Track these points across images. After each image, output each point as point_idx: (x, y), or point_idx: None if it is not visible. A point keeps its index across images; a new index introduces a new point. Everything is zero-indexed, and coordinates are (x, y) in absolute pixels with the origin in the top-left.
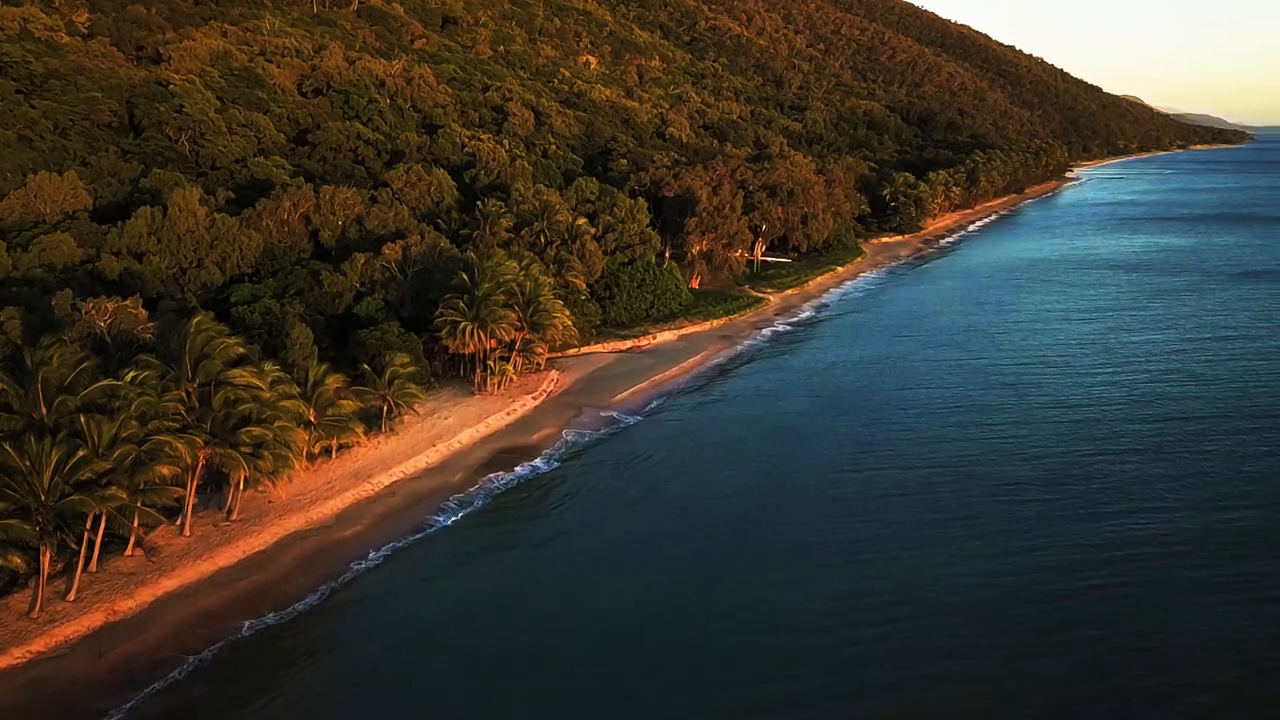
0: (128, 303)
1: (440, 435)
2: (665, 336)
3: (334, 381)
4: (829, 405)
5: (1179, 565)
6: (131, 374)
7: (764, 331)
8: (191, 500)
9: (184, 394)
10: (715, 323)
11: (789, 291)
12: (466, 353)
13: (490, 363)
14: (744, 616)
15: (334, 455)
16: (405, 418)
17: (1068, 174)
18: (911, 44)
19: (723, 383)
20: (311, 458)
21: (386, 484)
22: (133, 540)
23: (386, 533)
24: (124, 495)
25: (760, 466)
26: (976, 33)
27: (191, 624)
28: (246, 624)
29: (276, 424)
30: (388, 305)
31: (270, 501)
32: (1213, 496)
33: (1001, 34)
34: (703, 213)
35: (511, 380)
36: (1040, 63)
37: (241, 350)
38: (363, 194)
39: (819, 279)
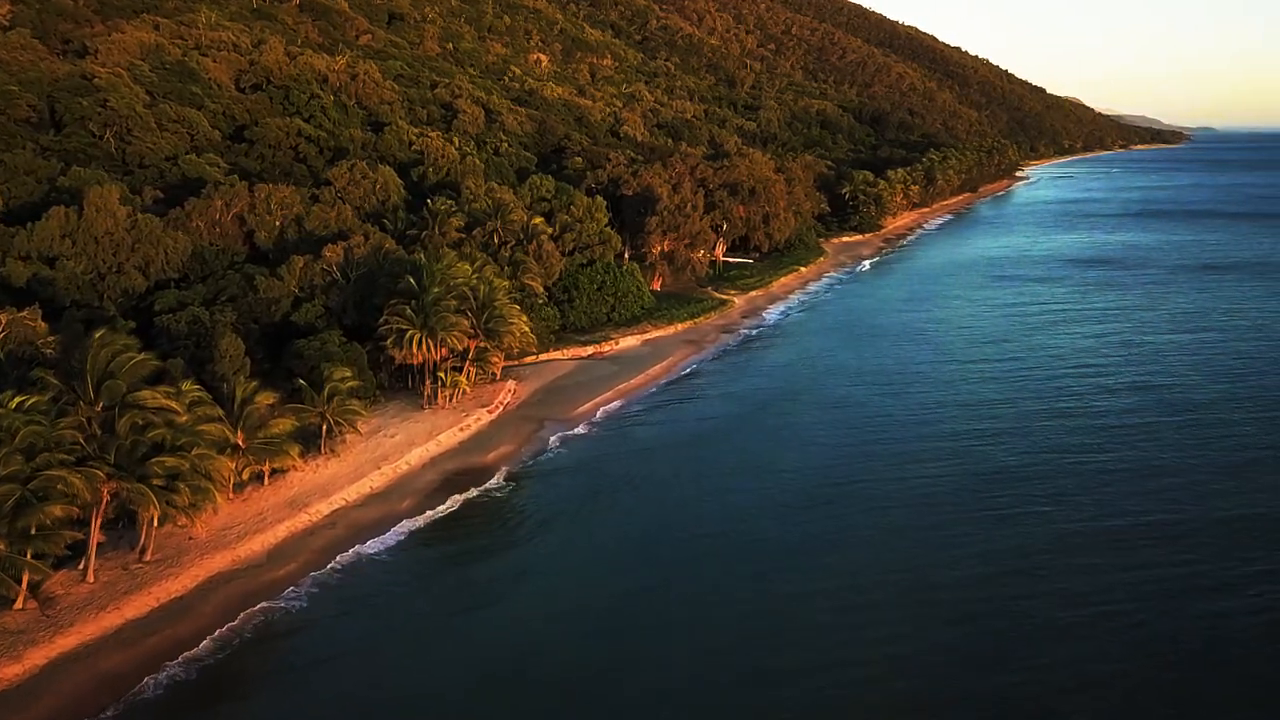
0: (24, 313)
1: (386, 456)
2: (628, 342)
3: (265, 399)
4: (805, 413)
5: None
6: (18, 399)
7: (731, 335)
8: (96, 539)
9: (84, 419)
10: (680, 326)
11: (753, 293)
12: (415, 363)
13: (441, 374)
14: (724, 670)
15: (266, 482)
16: (347, 437)
17: (1019, 173)
18: (861, 44)
19: (692, 391)
20: (240, 486)
21: (326, 513)
22: (23, 592)
23: (325, 571)
24: (1, 545)
25: (738, 486)
26: (924, 34)
27: (90, 690)
28: (155, 688)
29: (195, 451)
30: (329, 312)
31: (191, 538)
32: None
33: (947, 36)
34: (664, 211)
35: (465, 392)
36: (986, 64)
37: (156, 365)
38: (303, 193)
39: (783, 279)
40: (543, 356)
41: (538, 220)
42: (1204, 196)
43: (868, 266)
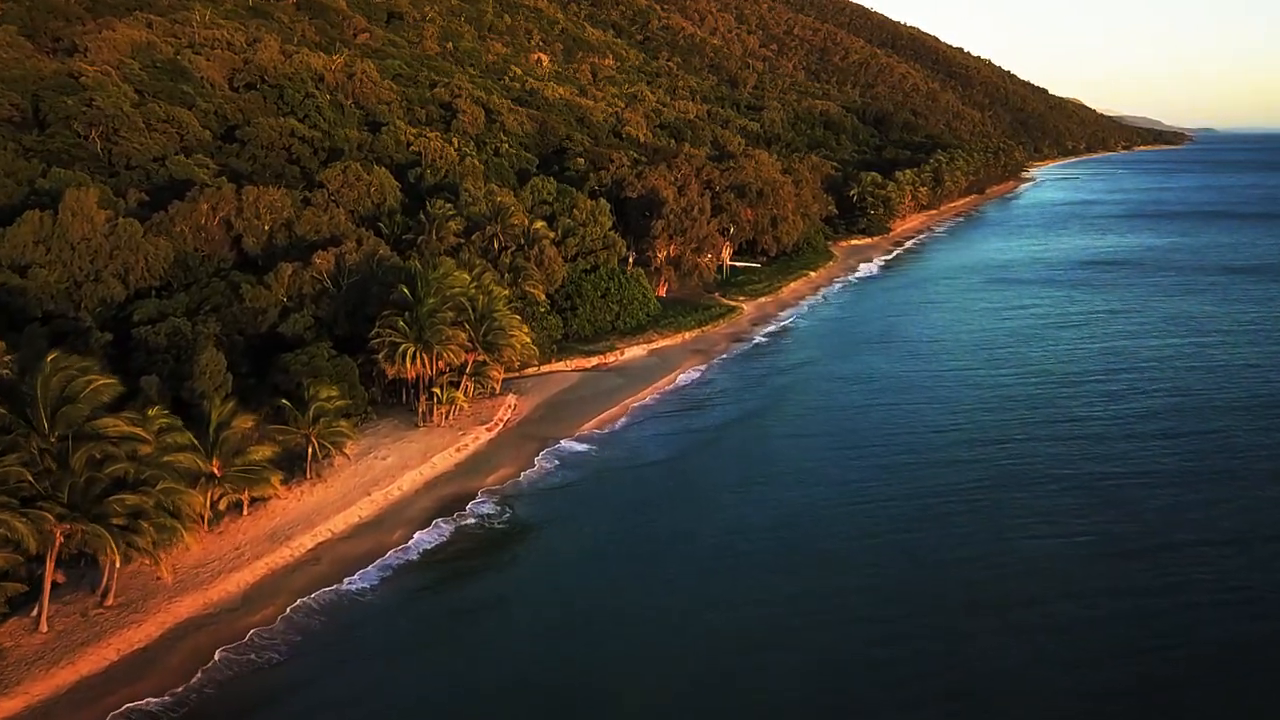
0: None
1: (377, 480)
2: (634, 351)
3: (243, 422)
4: (822, 429)
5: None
6: None
7: (741, 344)
8: (51, 581)
9: (34, 453)
10: (687, 335)
11: (763, 299)
12: (409, 378)
13: (437, 390)
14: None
15: (245, 512)
16: (335, 460)
17: (1024, 174)
18: (863, 45)
19: (701, 406)
20: (217, 517)
21: (310, 547)
22: None
23: (307, 615)
24: None
25: (753, 513)
26: (926, 35)
27: None
28: None
29: (161, 486)
30: (318, 323)
31: (159, 578)
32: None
33: (949, 37)
34: (669, 215)
35: (462, 409)
36: (988, 64)
37: (120, 390)
38: (294, 195)
39: (792, 285)
40: (545, 368)
41: (539, 224)
42: (1216, 198)
43: (878, 271)
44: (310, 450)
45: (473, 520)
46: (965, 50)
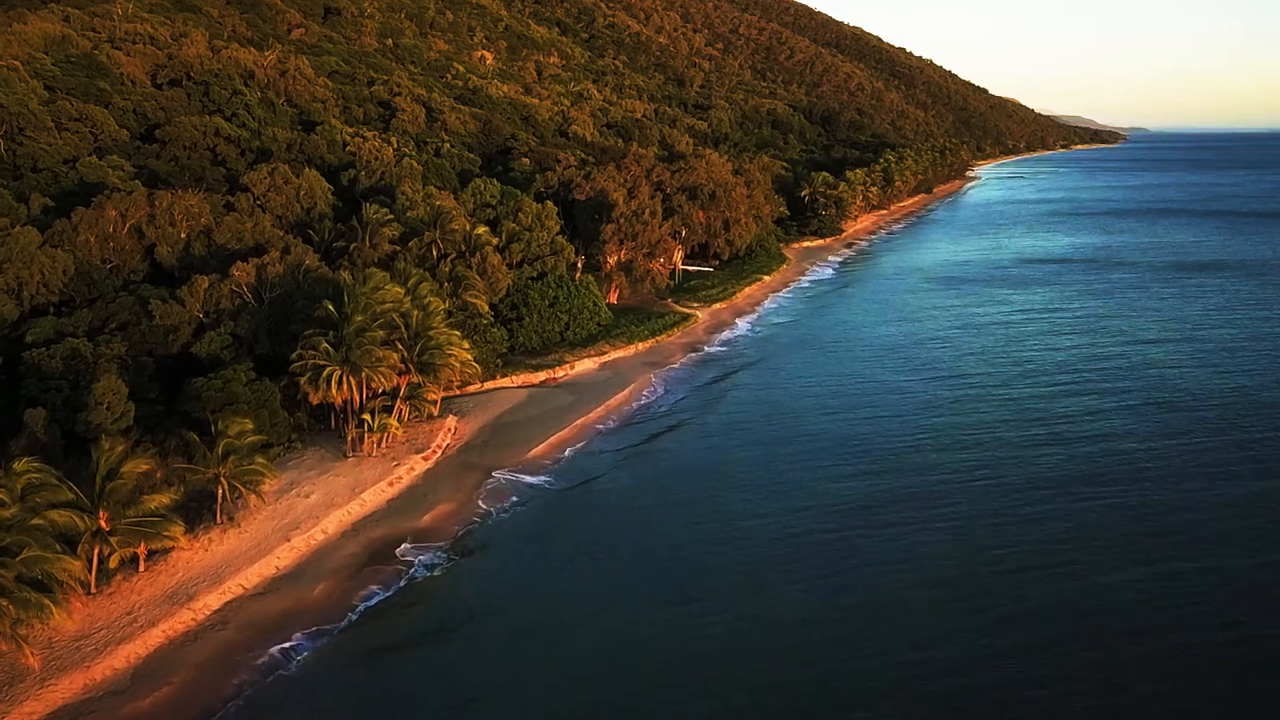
0: None
1: (298, 523)
2: (585, 365)
3: (137, 466)
4: (782, 447)
5: None
6: None
7: (698, 354)
8: None
9: None
10: (641, 346)
11: (717, 305)
12: (336, 404)
13: (367, 416)
14: None
15: (142, 567)
16: (250, 501)
17: (969, 173)
18: (808, 44)
19: (658, 425)
20: (106, 576)
21: (216, 608)
22: None
23: (206, 697)
24: None
25: (716, 552)
26: (869, 35)
27: None
28: None
29: (24, 554)
30: (238, 341)
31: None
32: None
33: (891, 36)
34: (620, 218)
35: (395, 436)
36: (930, 64)
37: None
38: (215, 200)
39: (747, 290)
40: (489, 384)
41: (481, 230)
42: (1171, 195)
43: (833, 274)
44: (220, 491)
45: (405, 570)
46: (908, 50)
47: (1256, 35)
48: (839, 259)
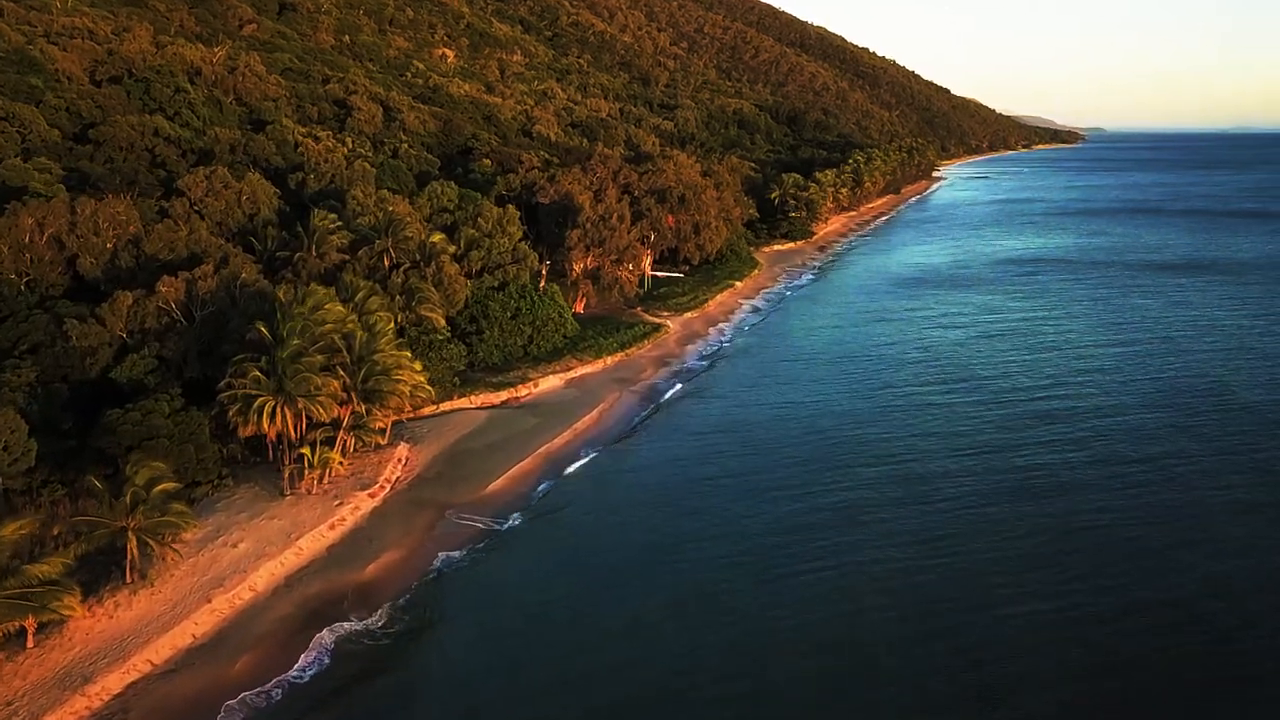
0: None
1: (222, 579)
2: (550, 382)
3: (18, 528)
4: (766, 474)
5: None
6: None
7: (670, 369)
8: None
9: None
10: (610, 360)
11: (689, 314)
12: (270, 437)
13: (305, 450)
14: None
15: (30, 643)
16: (167, 555)
17: (935, 173)
18: (773, 44)
19: (632, 451)
20: None
21: (117, 691)
22: None
23: None
24: None
25: (704, 599)
26: (833, 35)
27: None
28: None
29: None
30: (164, 364)
31: None
32: None
33: (854, 37)
34: (586, 223)
35: (338, 471)
36: (894, 64)
37: None
38: (147, 206)
39: (719, 297)
40: (445, 405)
41: (438, 238)
42: (1138, 196)
43: (807, 280)
44: (131, 546)
45: (346, 631)
46: (872, 50)
47: (1211, 38)
48: (813, 263)
